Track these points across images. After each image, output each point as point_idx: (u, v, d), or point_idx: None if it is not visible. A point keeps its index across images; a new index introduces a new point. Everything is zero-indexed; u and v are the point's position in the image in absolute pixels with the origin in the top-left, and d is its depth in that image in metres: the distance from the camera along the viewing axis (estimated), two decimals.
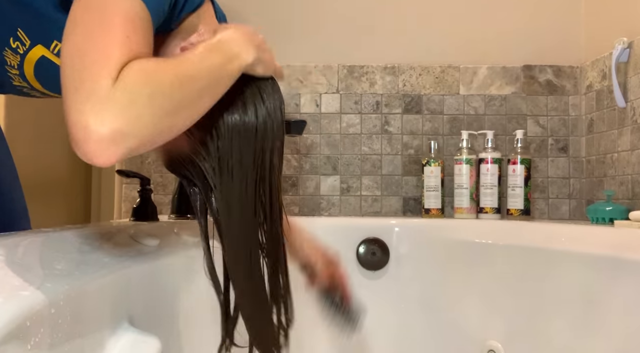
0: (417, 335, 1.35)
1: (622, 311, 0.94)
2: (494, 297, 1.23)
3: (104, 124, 0.49)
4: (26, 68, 0.77)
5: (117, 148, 0.49)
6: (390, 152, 1.62)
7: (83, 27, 0.54)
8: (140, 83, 0.52)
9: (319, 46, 1.64)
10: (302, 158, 1.62)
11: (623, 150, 1.39)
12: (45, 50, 0.74)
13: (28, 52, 0.75)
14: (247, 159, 0.66)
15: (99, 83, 0.50)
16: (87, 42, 0.53)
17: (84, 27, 0.54)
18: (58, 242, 0.66)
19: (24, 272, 0.51)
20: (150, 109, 0.52)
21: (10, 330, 0.39)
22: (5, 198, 0.94)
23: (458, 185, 1.49)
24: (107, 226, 0.94)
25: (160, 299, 0.74)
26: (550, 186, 1.61)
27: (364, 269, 1.39)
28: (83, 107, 0.49)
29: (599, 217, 1.22)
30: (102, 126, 0.48)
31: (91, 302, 0.55)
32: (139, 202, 1.18)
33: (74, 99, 0.50)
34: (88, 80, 0.50)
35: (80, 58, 0.52)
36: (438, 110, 1.62)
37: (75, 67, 0.52)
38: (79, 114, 0.49)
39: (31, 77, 0.79)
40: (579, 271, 1.05)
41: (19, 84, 0.82)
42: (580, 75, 1.61)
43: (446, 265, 1.33)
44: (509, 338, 1.19)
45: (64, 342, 0.48)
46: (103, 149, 0.49)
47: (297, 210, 1.61)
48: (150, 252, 0.78)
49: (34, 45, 0.74)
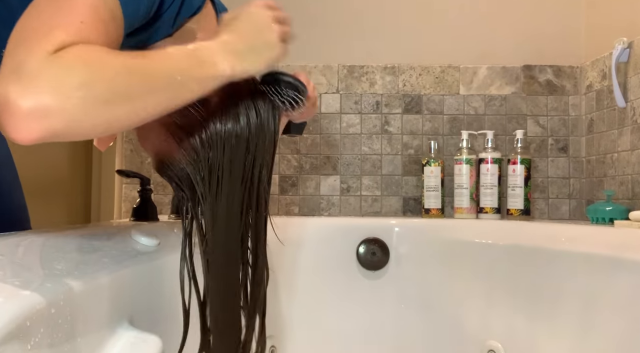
0: (417, 335, 1.35)
1: (621, 311, 0.94)
2: (494, 297, 1.23)
3: (24, 96, 0.44)
4: None
5: (38, 125, 0.45)
6: (390, 152, 1.62)
7: (40, 5, 0.51)
8: (79, 63, 0.47)
9: (319, 46, 1.64)
10: (302, 158, 1.62)
11: (623, 150, 1.39)
12: None
13: None
14: (236, 171, 0.65)
15: (32, 55, 0.46)
16: (36, 19, 0.50)
17: (40, 6, 0.51)
18: (58, 242, 0.66)
19: (24, 272, 0.51)
20: (83, 92, 0.46)
21: (10, 330, 0.39)
22: (5, 198, 0.94)
23: (458, 185, 1.49)
24: (107, 226, 0.94)
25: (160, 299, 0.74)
26: (550, 186, 1.61)
27: (364, 269, 1.39)
28: (8, 77, 0.45)
29: (599, 217, 1.22)
30: (22, 99, 0.44)
31: (91, 302, 0.55)
32: (139, 202, 1.18)
33: (2, 70, 0.46)
34: (22, 52, 0.46)
35: (22, 33, 0.49)
36: (438, 110, 1.62)
37: (14, 41, 0.48)
38: (3, 83, 0.45)
39: None
40: (579, 271, 1.05)
41: None
42: (580, 75, 1.61)
43: (446, 265, 1.33)
44: (509, 338, 1.19)
45: (64, 342, 0.48)
46: (21, 123, 0.44)
47: (297, 210, 1.61)
48: (150, 252, 0.78)
49: None
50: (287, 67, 1.61)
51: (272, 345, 1.25)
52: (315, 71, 1.63)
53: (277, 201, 1.62)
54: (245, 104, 0.65)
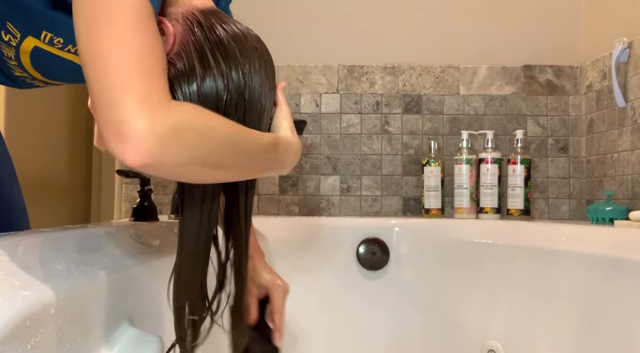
0: (417, 335, 1.35)
1: (622, 311, 0.94)
2: (494, 297, 1.23)
3: (151, 130, 0.48)
4: (22, 58, 0.78)
5: (145, 156, 0.49)
6: (390, 152, 1.62)
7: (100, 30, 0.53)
8: (197, 119, 0.53)
9: (319, 46, 1.64)
10: (302, 158, 1.62)
11: (623, 150, 1.39)
12: (37, 40, 0.74)
13: (21, 44, 0.75)
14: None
15: (154, 92, 0.51)
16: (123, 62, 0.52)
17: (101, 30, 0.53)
18: (58, 242, 0.66)
19: (24, 272, 0.51)
20: (196, 144, 0.52)
21: (10, 330, 0.39)
22: (5, 198, 0.93)
23: (458, 185, 1.49)
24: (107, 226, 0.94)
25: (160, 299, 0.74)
26: (550, 186, 1.61)
27: (364, 269, 1.39)
28: (134, 108, 0.49)
29: (599, 217, 1.22)
30: (149, 132, 0.48)
31: (91, 302, 0.55)
32: (139, 202, 1.18)
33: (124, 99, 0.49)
34: (136, 85, 0.50)
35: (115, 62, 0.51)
36: (438, 110, 1.62)
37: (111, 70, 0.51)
38: (130, 110, 0.49)
39: (29, 67, 0.80)
40: (579, 271, 1.05)
41: (20, 75, 0.83)
42: (580, 75, 1.61)
43: (446, 265, 1.33)
44: (509, 338, 1.19)
45: (64, 342, 0.48)
46: (136, 151, 0.48)
47: (297, 210, 1.61)
48: (150, 252, 0.77)
49: (25, 37, 0.74)
50: (287, 67, 1.61)
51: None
52: (315, 71, 1.63)
53: (277, 201, 1.62)
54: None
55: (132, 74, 0.51)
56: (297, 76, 1.63)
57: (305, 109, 1.62)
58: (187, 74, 0.60)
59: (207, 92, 0.60)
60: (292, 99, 1.62)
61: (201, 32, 0.62)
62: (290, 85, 1.62)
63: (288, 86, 1.62)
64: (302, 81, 1.63)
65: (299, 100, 1.63)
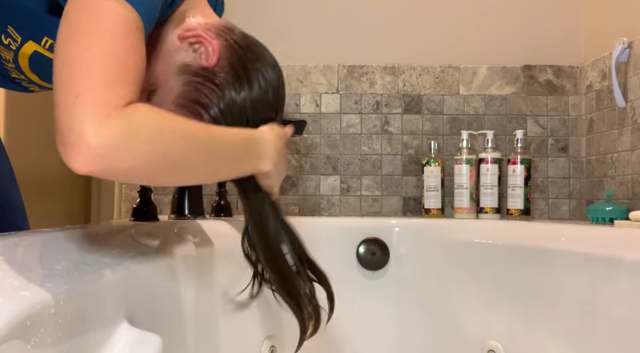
0: (417, 335, 1.35)
1: (621, 311, 0.94)
2: (494, 297, 1.23)
3: (98, 136, 0.49)
4: (21, 62, 0.78)
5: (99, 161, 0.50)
6: (390, 152, 1.62)
7: (79, 34, 0.54)
8: (150, 121, 0.53)
9: (319, 46, 1.64)
10: (302, 158, 1.62)
11: (623, 150, 1.39)
12: (37, 45, 0.75)
13: (20, 48, 0.76)
14: None
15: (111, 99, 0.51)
16: (87, 51, 0.53)
17: (80, 35, 0.54)
18: (58, 242, 0.66)
19: (24, 272, 0.51)
20: (147, 148, 0.52)
21: (10, 330, 0.39)
22: (3, 197, 0.93)
23: (458, 185, 1.49)
24: (107, 226, 0.94)
25: (160, 299, 0.74)
26: (550, 186, 1.61)
27: (364, 269, 1.39)
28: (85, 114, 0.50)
29: (599, 217, 1.22)
30: (96, 137, 0.49)
31: (91, 302, 0.55)
32: (139, 202, 1.18)
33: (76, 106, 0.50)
34: (93, 92, 0.51)
35: (82, 67, 0.52)
36: (438, 110, 1.62)
37: (76, 74, 0.52)
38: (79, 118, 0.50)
39: (27, 70, 0.80)
40: (579, 271, 1.05)
41: (17, 77, 0.83)
42: (580, 75, 1.61)
43: (446, 265, 1.33)
44: (509, 338, 1.19)
45: (64, 342, 0.48)
46: (85, 156, 0.49)
47: (297, 210, 1.61)
48: (150, 252, 0.77)
49: (25, 41, 0.75)
50: (287, 67, 1.61)
51: (272, 345, 1.25)
52: (315, 71, 1.63)
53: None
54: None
55: (93, 82, 0.52)
56: (297, 76, 1.63)
57: (305, 109, 1.62)
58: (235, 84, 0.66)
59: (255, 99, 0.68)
60: (292, 99, 1.62)
61: (239, 48, 0.69)
62: (290, 85, 1.62)
63: (288, 86, 1.62)
64: (302, 81, 1.63)
65: (299, 100, 1.63)
